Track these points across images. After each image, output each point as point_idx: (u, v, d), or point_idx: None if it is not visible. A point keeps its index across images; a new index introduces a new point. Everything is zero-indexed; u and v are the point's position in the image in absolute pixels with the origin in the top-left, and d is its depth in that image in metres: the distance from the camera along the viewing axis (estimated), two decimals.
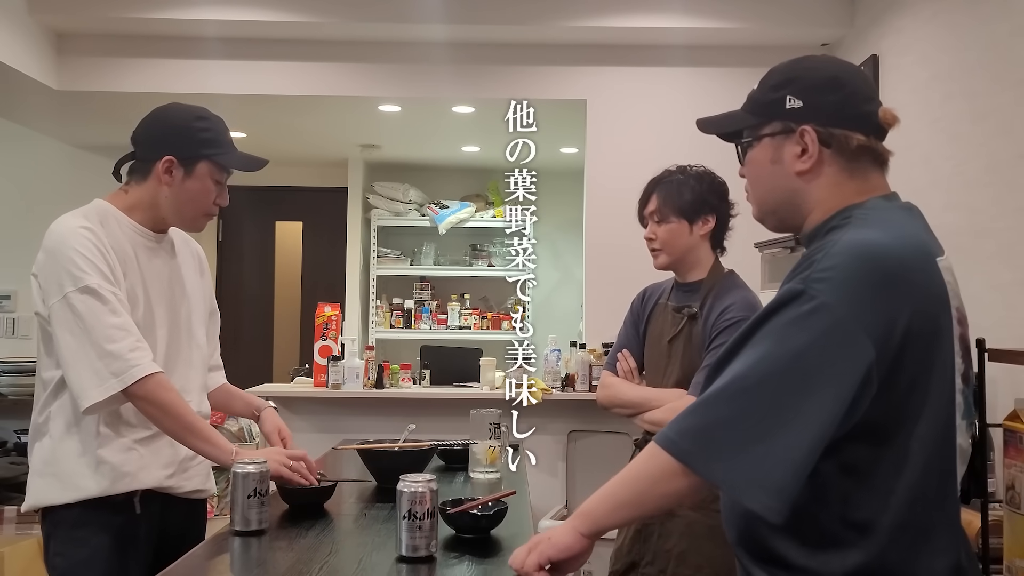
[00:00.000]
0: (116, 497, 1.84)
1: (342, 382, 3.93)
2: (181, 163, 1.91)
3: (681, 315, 2.25)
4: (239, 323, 6.25)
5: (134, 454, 1.86)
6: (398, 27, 4.12)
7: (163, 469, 1.91)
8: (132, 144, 1.97)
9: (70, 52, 4.23)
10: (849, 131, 1.27)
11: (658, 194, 2.29)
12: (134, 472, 1.85)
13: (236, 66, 4.27)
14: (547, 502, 3.91)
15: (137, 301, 1.88)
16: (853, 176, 1.29)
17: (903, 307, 1.15)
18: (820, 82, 1.30)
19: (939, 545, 1.20)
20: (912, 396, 1.17)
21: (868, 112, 1.29)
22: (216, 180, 1.97)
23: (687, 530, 2.15)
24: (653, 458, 1.23)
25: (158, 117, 1.96)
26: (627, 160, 4.10)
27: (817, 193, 1.30)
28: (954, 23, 3.05)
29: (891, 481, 1.18)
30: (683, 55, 4.27)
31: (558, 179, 5.75)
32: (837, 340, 1.13)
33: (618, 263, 3.91)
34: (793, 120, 1.29)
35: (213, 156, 1.94)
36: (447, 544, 1.70)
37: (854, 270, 1.16)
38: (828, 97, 1.28)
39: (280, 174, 6.52)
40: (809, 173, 1.30)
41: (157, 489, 1.90)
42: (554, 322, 5.43)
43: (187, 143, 1.92)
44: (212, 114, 1.99)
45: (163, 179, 1.91)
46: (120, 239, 1.88)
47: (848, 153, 1.28)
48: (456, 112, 4.74)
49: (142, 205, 1.94)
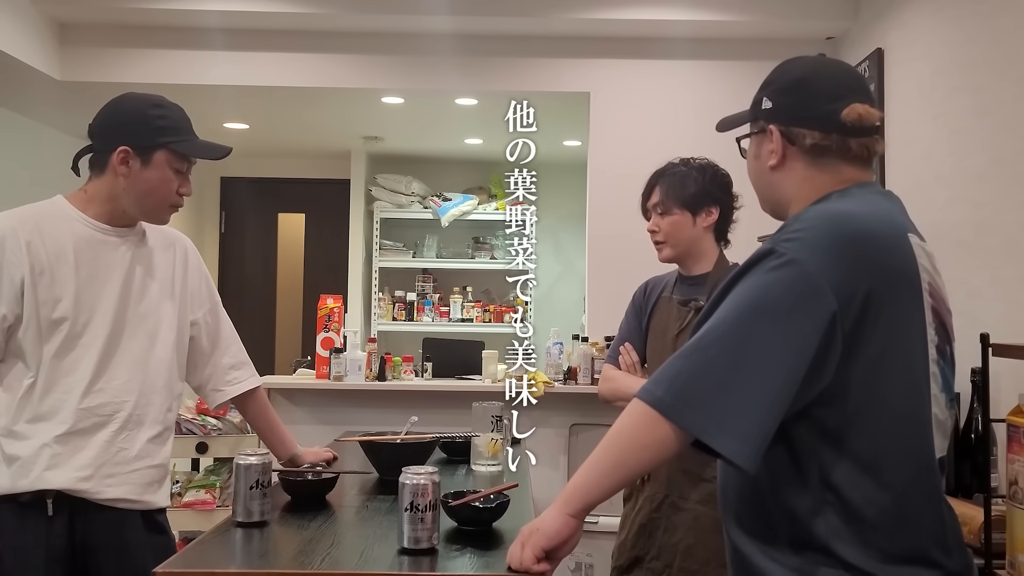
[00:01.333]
0: (23, 496, 1.79)
1: (344, 374, 3.93)
2: (137, 153, 1.86)
3: (687, 309, 2.25)
4: (241, 315, 6.21)
5: (47, 451, 1.80)
6: (401, 18, 4.11)
7: (78, 471, 1.83)
8: (88, 136, 1.92)
9: (73, 42, 4.22)
10: (806, 129, 1.37)
11: (661, 186, 2.29)
12: (42, 471, 1.80)
13: (239, 57, 4.26)
14: (549, 495, 3.88)
15: (64, 299, 1.83)
16: (822, 171, 1.38)
17: (867, 269, 1.22)
18: (787, 84, 1.42)
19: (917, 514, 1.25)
20: (882, 362, 1.23)
21: (829, 111, 1.36)
22: (176, 169, 1.91)
23: (694, 523, 2.14)
24: (631, 413, 1.28)
25: (113, 107, 1.91)
26: (630, 153, 4.09)
27: (789, 186, 1.41)
28: (959, 17, 3.03)
29: (865, 446, 1.23)
30: (687, 48, 4.25)
31: (561, 172, 5.75)
32: (801, 291, 1.20)
33: (620, 256, 3.91)
34: (765, 119, 1.42)
35: (170, 144, 1.88)
36: (449, 536, 1.71)
37: (822, 231, 1.24)
38: (790, 99, 1.40)
39: (283, 166, 6.54)
40: (778, 168, 1.41)
41: (70, 492, 1.82)
42: (556, 315, 5.43)
43: (142, 132, 1.86)
44: (170, 102, 1.93)
45: (119, 170, 1.86)
46: (56, 234, 1.84)
47: (807, 150, 1.38)
48: (459, 104, 4.73)
49: (99, 198, 1.89)
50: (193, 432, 3.93)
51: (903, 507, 1.24)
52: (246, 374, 2.20)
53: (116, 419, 1.88)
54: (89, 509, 1.85)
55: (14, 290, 1.80)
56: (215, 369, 2.14)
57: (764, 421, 1.19)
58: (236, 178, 6.54)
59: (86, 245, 1.88)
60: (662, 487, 2.21)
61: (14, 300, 1.80)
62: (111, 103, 1.92)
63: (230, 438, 3.99)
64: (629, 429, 1.28)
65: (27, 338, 1.82)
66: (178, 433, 3.86)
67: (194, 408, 4.03)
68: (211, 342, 2.13)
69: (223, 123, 5.41)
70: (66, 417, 1.83)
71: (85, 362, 1.85)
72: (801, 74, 1.42)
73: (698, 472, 2.17)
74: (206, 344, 2.12)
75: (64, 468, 1.82)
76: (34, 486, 1.79)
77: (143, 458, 1.92)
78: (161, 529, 1.99)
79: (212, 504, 3.91)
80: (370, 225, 6.06)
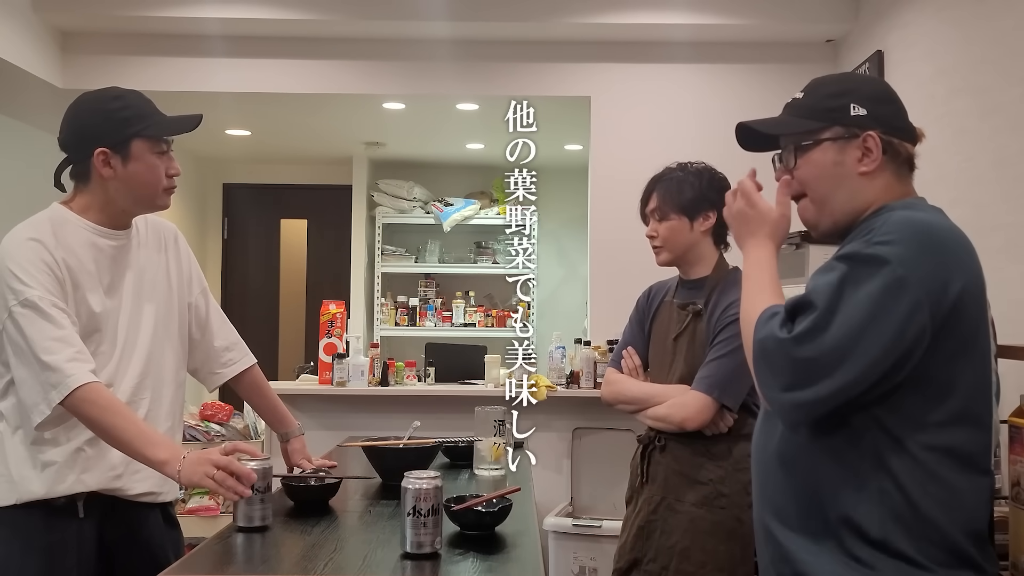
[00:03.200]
0: (58, 500, 1.79)
1: (347, 379, 3.93)
2: (115, 151, 1.84)
3: (686, 312, 2.25)
4: (244, 320, 6.22)
5: (81, 455, 1.81)
6: (402, 24, 4.12)
7: (110, 470, 1.84)
8: (62, 150, 1.90)
9: (75, 50, 4.24)
10: (903, 140, 1.43)
11: (658, 192, 2.29)
12: (79, 474, 1.81)
13: (240, 64, 4.27)
14: (552, 499, 3.91)
15: (93, 306, 1.84)
16: (900, 181, 1.44)
17: (955, 274, 1.28)
18: (876, 94, 1.46)
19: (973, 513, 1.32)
20: (958, 359, 1.30)
21: (911, 125, 1.45)
22: (157, 153, 1.88)
23: (690, 526, 2.14)
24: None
25: (74, 114, 1.88)
26: (631, 157, 4.09)
27: (872, 193, 1.43)
28: (959, 18, 3.03)
29: (929, 442, 1.29)
30: (687, 52, 4.26)
31: (562, 176, 5.75)
32: (896, 293, 1.25)
33: (622, 260, 3.91)
34: (858, 126, 1.42)
35: (141, 132, 1.85)
36: (452, 541, 1.71)
37: (912, 236, 1.29)
38: (886, 108, 1.44)
39: (285, 172, 6.55)
40: (871, 174, 1.42)
41: (103, 491, 1.85)
42: (559, 319, 5.43)
43: (111, 128, 1.84)
44: (126, 90, 1.90)
45: (104, 173, 1.84)
46: (75, 245, 1.84)
47: (899, 159, 1.43)
48: (460, 109, 4.74)
49: (95, 205, 1.88)
50: (197, 439, 3.93)
51: (961, 505, 1.30)
52: (240, 354, 2.19)
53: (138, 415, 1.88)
54: (118, 507, 1.88)
55: (68, 295, 1.80)
56: (209, 352, 2.13)
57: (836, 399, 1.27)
58: (238, 184, 6.55)
59: (99, 252, 1.88)
60: (659, 489, 2.21)
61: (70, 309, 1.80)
62: (70, 111, 1.89)
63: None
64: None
65: None
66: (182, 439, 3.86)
67: (197, 415, 4.03)
68: (203, 325, 2.12)
69: (225, 130, 5.42)
70: None
71: (109, 364, 1.87)
72: (885, 87, 1.50)
73: (693, 475, 2.17)
74: (199, 327, 2.11)
75: (97, 469, 1.83)
76: (72, 489, 1.80)
77: None
78: (174, 523, 2.04)
79: (216, 510, 3.92)
80: (372, 230, 6.07)
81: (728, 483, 2.15)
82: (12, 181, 4.89)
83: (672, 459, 2.20)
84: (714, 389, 2.12)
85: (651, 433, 2.27)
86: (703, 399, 2.13)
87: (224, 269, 6.57)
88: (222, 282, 6.56)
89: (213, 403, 4.05)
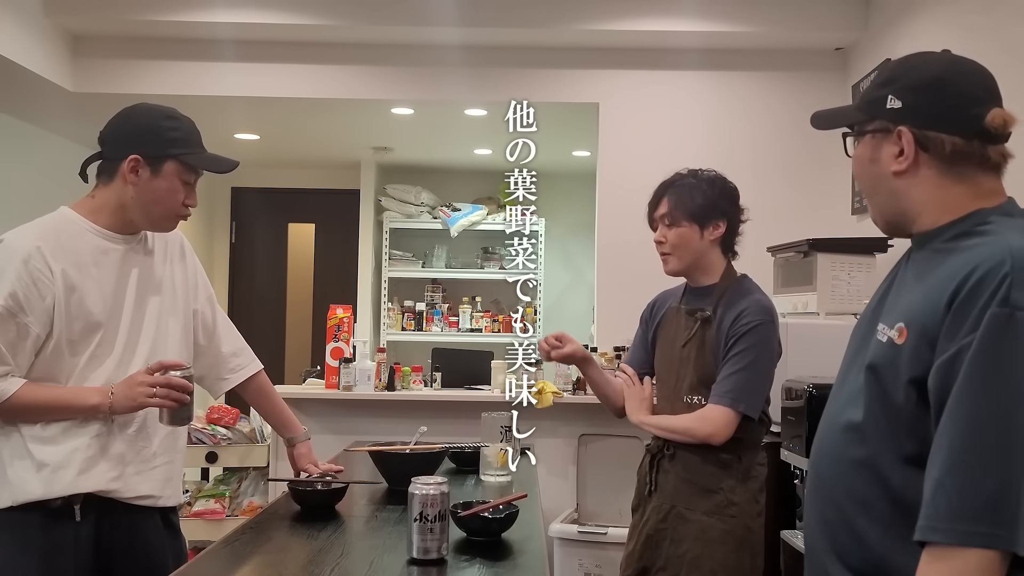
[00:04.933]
0: (54, 501, 1.79)
1: (353, 384, 3.93)
2: (147, 162, 1.87)
3: (694, 319, 2.24)
4: (251, 324, 6.26)
5: (78, 455, 1.82)
6: (411, 30, 4.13)
7: (107, 472, 1.84)
8: (99, 144, 1.94)
9: (86, 54, 4.26)
10: (946, 134, 1.25)
11: (669, 197, 2.28)
12: (75, 476, 1.81)
13: (250, 68, 4.29)
14: (558, 505, 3.90)
15: (92, 308, 1.85)
16: (960, 180, 1.27)
17: None
18: (922, 82, 1.27)
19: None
20: None
21: (973, 115, 1.25)
22: (184, 180, 1.92)
23: (700, 535, 2.13)
24: (947, 560, 1.11)
25: (126, 116, 1.93)
26: (639, 163, 4.09)
27: (918, 195, 1.28)
28: (970, 26, 3.03)
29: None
30: (695, 59, 4.26)
31: (570, 182, 5.75)
32: None
33: (630, 266, 3.90)
34: (891, 120, 1.28)
35: (180, 155, 1.90)
36: (458, 547, 1.70)
37: None
38: (927, 99, 1.26)
39: (293, 176, 6.56)
40: (906, 174, 1.28)
41: (101, 493, 1.84)
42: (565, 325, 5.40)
43: (154, 142, 1.88)
44: (181, 114, 1.96)
45: (129, 179, 1.88)
46: (77, 248, 1.86)
47: (945, 157, 1.26)
48: (468, 115, 4.74)
49: (108, 207, 1.91)
50: (203, 442, 3.94)
51: None
52: (247, 359, 2.21)
53: (137, 418, 1.89)
54: (115, 510, 1.87)
55: (46, 309, 1.81)
56: (216, 358, 2.15)
57: None
58: (246, 188, 6.57)
59: (103, 255, 1.90)
60: (668, 498, 2.20)
61: (47, 319, 1.82)
62: (123, 112, 1.94)
63: (240, 447, 3.99)
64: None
65: (57, 352, 1.83)
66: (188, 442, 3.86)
67: (204, 418, 4.03)
68: (210, 331, 2.13)
69: (234, 134, 5.43)
70: (93, 420, 1.84)
71: (108, 367, 1.88)
72: (939, 72, 1.28)
73: (703, 483, 2.16)
74: (205, 334, 2.12)
75: (95, 471, 1.83)
76: (68, 491, 1.80)
77: (161, 454, 1.94)
78: (176, 531, 2.02)
79: (222, 514, 3.92)
80: (379, 235, 6.07)
81: (738, 492, 2.15)
82: (23, 184, 4.91)
83: (682, 468, 2.19)
84: (739, 403, 2.11)
85: (660, 442, 2.26)
86: (728, 413, 2.12)
87: (231, 273, 6.58)
88: (229, 286, 6.57)
89: (220, 406, 4.05)
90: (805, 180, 4.22)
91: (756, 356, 2.14)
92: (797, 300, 3.34)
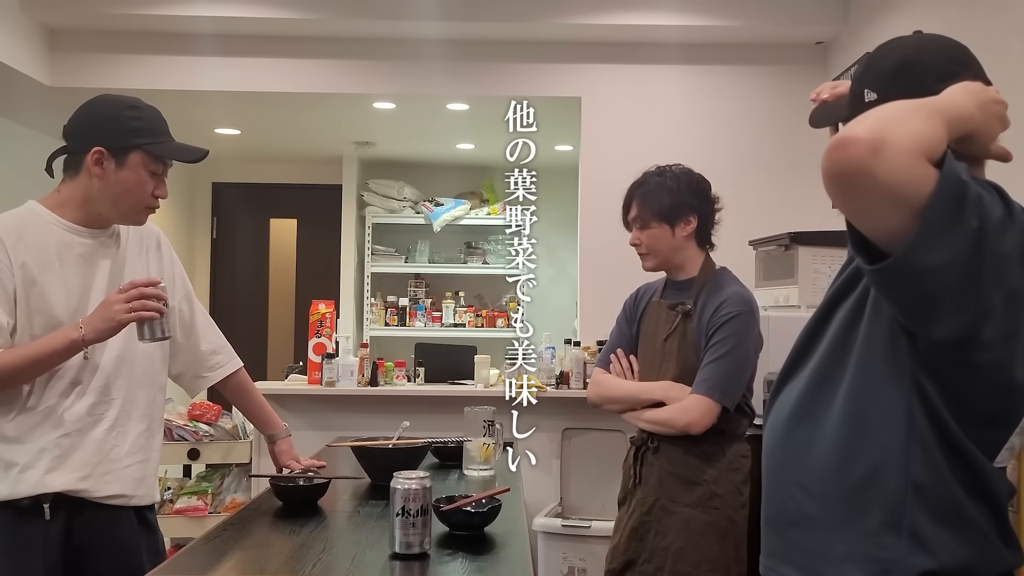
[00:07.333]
0: (22, 501, 1.77)
1: (336, 379, 3.92)
2: (112, 154, 1.84)
3: (675, 312, 2.25)
4: (233, 320, 6.23)
5: (46, 455, 1.80)
6: (393, 24, 4.11)
7: (76, 471, 1.82)
8: (63, 137, 1.91)
9: (63, 48, 4.21)
10: None
11: (637, 200, 2.30)
12: (42, 475, 1.79)
13: (230, 63, 4.25)
14: (541, 499, 3.91)
15: (53, 303, 1.83)
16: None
17: None
18: (889, 70, 1.26)
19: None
20: None
21: (940, 90, 1.20)
22: (152, 171, 1.89)
23: (684, 527, 2.15)
24: None
25: (87, 108, 1.90)
26: (622, 157, 4.08)
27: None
28: (948, 21, 3.05)
29: None
30: (677, 53, 4.27)
31: (552, 176, 5.72)
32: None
33: (612, 260, 3.90)
34: None
35: (145, 145, 1.86)
36: (440, 541, 1.70)
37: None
38: (897, 84, 1.23)
39: (274, 171, 6.53)
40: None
41: (70, 493, 1.82)
42: (548, 319, 5.42)
43: (117, 133, 1.85)
44: (145, 104, 1.92)
45: (93, 171, 1.84)
46: (41, 242, 1.84)
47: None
48: (451, 109, 4.73)
49: (74, 201, 1.88)
50: (185, 438, 3.92)
51: None
52: (226, 357, 2.19)
53: (107, 417, 1.87)
54: (86, 510, 1.84)
55: (8, 298, 1.79)
56: (194, 355, 2.12)
57: None
58: (228, 183, 6.52)
59: (68, 250, 1.87)
60: (653, 490, 2.21)
61: (11, 307, 1.80)
62: (85, 104, 1.91)
63: (222, 444, 3.97)
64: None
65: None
66: (170, 439, 3.84)
67: (186, 414, 4.01)
68: (188, 328, 2.11)
69: (214, 128, 5.40)
70: (61, 420, 1.82)
71: (76, 364, 1.85)
72: (902, 56, 1.26)
73: (687, 475, 2.17)
74: (183, 331, 2.10)
75: (63, 470, 1.81)
76: (35, 491, 1.78)
77: (134, 453, 1.92)
78: (152, 528, 1.99)
79: (204, 511, 3.90)
80: (362, 230, 6.06)
81: (722, 483, 2.16)
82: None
83: (666, 460, 2.21)
84: (715, 391, 2.13)
85: (644, 435, 2.27)
86: (706, 402, 2.13)
87: (213, 268, 6.54)
88: (211, 281, 6.53)
89: (201, 403, 4.03)
90: (786, 173, 4.23)
91: (734, 346, 2.15)
92: (779, 293, 3.36)
